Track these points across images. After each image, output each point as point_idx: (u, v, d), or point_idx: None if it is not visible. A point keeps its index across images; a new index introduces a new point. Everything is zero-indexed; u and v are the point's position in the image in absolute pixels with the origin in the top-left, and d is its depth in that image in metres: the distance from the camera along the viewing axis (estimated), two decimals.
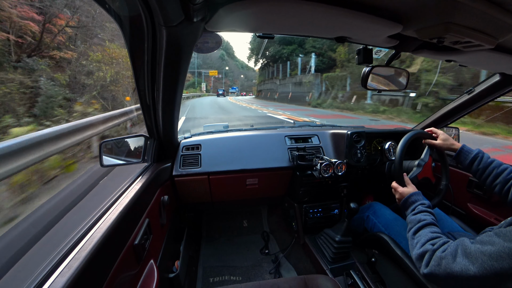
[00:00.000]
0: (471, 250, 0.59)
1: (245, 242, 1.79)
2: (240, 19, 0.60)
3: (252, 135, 1.45)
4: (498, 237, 0.57)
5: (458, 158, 1.00)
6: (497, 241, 0.56)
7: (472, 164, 0.95)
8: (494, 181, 0.89)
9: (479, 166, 0.93)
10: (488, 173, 0.90)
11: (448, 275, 0.61)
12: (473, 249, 0.59)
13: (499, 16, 0.50)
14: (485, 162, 0.92)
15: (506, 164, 0.90)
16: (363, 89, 1.03)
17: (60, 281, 0.43)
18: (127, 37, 0.64)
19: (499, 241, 0.56)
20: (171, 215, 1.22)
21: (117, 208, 0.67)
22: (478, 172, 0.93)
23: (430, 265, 0.66)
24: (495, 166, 0.90)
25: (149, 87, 0.80)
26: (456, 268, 0.60)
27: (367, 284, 1.15)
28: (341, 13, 0.56)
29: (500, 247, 0.55)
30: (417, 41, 0.76)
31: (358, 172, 1.43)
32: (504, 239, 0.56)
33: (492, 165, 0.91)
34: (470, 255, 0.59)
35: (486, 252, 0.56)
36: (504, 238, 0.56)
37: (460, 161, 1.00)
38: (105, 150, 0.98)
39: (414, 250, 0.73)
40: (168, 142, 1.16)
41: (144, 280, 0.74)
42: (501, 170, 0.88)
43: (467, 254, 0.59)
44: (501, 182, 0.87)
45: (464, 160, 0.97)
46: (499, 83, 1.11)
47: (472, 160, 0.95)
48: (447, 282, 0.63)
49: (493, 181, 0.89)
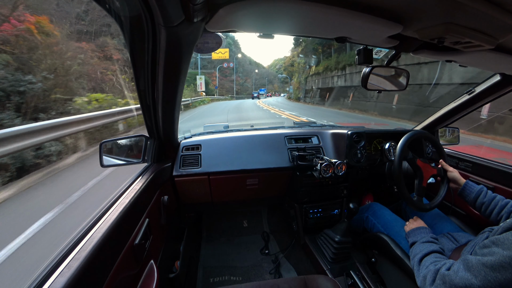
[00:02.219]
0: (472, 263, 0.59)
1: (245, 242, 1.79)
2: (240, 19, 0.60)
3: (252, 135, 1.45)
4: (497, 246, 0.57)
5: (463, 193, 1.05)
6: (496, 250, 0.56)
7: (477, 198, 0.99)
8: (500, 213, 0.92)
9: (484, 200, 0.97)
10: (494, 206, 0.94)
11: None
12: (474, 261, 0.59)
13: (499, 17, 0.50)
14: (490, 196, 0.97)
15: (508, 199, 0.95)
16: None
17: (60, 281, 0.43)
18: (127, 37, 0.64)
19: (498, 250, 0.56)
20: (171, 215, 1.22)
21: (117, 208, 0.67)
22: (484, 204, 0.97)
23: (435, 283, 0.67)
24: (499, 199, 0.95)
25: (149, 87, 0.80)
26: (459, 283, 0.60)
27: (367, 284, 1.15)
28: (341, 13, 0.56)
29: (500, 256, 0.54)
30: (417, 41, 0.76)
31: (358, 172, 1.43)
32: (503, 248, 0.56)
33: (497, 198, 0.96)
34: (472, 268, 0.59)
35: (488, 264, 0.56)
36: (502, 247, 0.56)
37: (464, 195, 1.04)
38: (105, 150, 0.98)
39: (419, 274, 0.75)
40: (168, 142, 1.16)
41: (144, 280, 0.74)
42: (505, 202, 0.93)
43: (469, 268, 0.59)
44: (506, 212, 0.91)
45: (469, 194, 1.02)
46: (499, 83, 1.11)
47: (477, 194, 1.00)
48: None
49: (498, 213, 0.93)
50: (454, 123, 1.51)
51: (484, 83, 1.18)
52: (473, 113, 1.42)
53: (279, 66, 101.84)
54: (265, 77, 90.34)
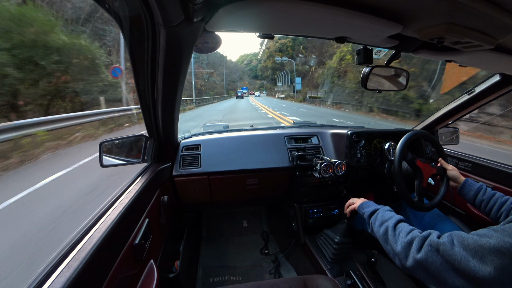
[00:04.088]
0: (469, 242, 0.55)
1: (245, 242, 1.79)
2: (240, 19, 0.60)
3: (252, 135, 1.45)
4: (496, 232, 0.54)
5: (462, 190, 1.04)
6: (495, 235, 0.53)
7: (476, 195, 0.98)
8: (499, 210, 0.91)
9: (484, 197, 0.96)
10: (493, 203, 0.93)
11: (447, 263, 0.56)
12: (471, 241, 0.55)
13: (499, 16, 0.50)
14: (489, 193, 0.96)
15: (507, 196, 0.94)
16: None
17: (60, 281, 0.43)
18: (127, 37, 0.64)
19: (497, 235, 0.53)
20: (171, 215, 1.22)
21: (117, 208, 0.67)
22: (483, 202, 0.96)
23: (423, 250, 0.60)
24: (498, 196, 0.94)
25: (149, 87, 0.80)
26: (456, 256, 0.55)
27: (367, 284, 1.15)
28: (341, 13, 0.56)
29: (500, 240, 0.52)
30: (417, 41, 0.76)
31: (358, 172, 1.43)
32: (503, 234, 0.53)
33: (496, 195, 0.94)
34: (469, 247, 0.55)
35: (486, 246, 0.53)
36: (503, 233, 0.53)
37: (464, 193, 1.03)
38: (105, 150, 0.98)
39: (399, 240, 0.68)
40: (168, 142, 1.16)
41: (144, 280, 0.74)
42: (504, 199, 0.92)
43: (465, 246, 0.55)
44: (506, 210, 0.89)
45: (469, 192, 1.01)
46: (499, 83, 1.11)
47: (476, 192, 0.99)
48: (441, 272, 0.57)
49: (498, 210, 0.91)
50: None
51: (484, 83, 1.18)
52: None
53: (247, 61, 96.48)
54: (235, 72, 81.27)
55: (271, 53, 60.02)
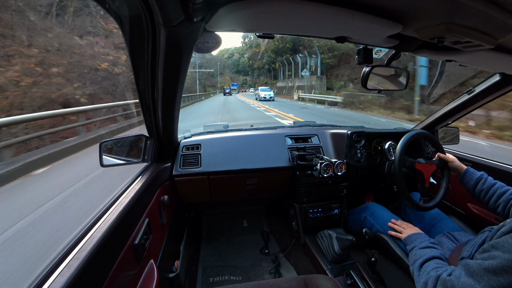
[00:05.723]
0: (474, 268, 0.58)
1: (245, 242, 1.79)
2: (240, 19, 0.60)
3: (252, 135, 1.45)
4: (497, 250, 0.56)
5: (463, 179, 1.04)
6: (497, 254, 0.55)
7: (476, 184, 0.98)
8: (497, 201, 0.91)
9: (483, 187, 0.96)
10: (492, 193, 0.93)
11: None
12: (475, 266, 0.58)
13: (499, 16, 0.50)
14: (489, 183, 0.96)
15: (508, 186, 0.94)
16: None
17: (60, 281, 0.43)
18: (127, 37, 0.64)
19: (498, 254, 0.55)
20: (171, 215, 1.22)
21: (117, 208, 0.67)
22: (482, 191, 0.96)
23: None
24: (498, 186, 0.94)
25: (149, 87, 0.80)
26: (466, 287, 0.58)
27: (367, 284, 1.15)
28: (341, 13, 0.56)
29: (501, 260, 0.54)
30: (417, 41, 0.75)
31: (358, 172, 1.43)
32: (503, 251, 0.55)
33: (496, 185, 0.94)
34: (474, 273, 0.58)
35: (489, 268, 0.55)
36: (503, 250, 0.55)
37: (465, 182, 1.03)
38: (105, 150, 0.98)
39: (419, 281, 0.74)
40: (168, 142, 1.16)
41: (144, 280, 0.74)
42: (504, 190, 0.92)
43: (471, 273, 0.58)
44: (504, 201, 0.89)
45: (469, 181, 1.01)
46: (499, 83, 1.11)
47: (477, 181, 0.99)
48: None
49: (496, 200, 0.92)
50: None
51: (484, 82, 1.18)
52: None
53: (228, 55, 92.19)
54: (215, 63, 70.67)
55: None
